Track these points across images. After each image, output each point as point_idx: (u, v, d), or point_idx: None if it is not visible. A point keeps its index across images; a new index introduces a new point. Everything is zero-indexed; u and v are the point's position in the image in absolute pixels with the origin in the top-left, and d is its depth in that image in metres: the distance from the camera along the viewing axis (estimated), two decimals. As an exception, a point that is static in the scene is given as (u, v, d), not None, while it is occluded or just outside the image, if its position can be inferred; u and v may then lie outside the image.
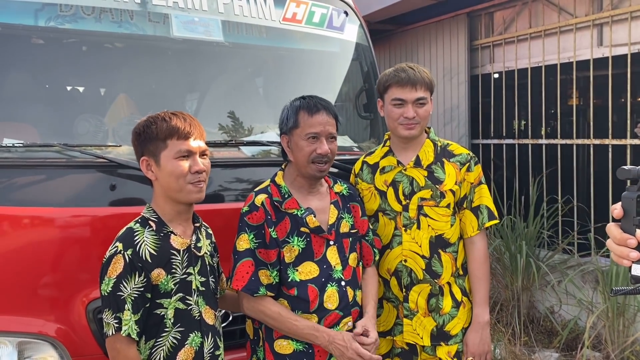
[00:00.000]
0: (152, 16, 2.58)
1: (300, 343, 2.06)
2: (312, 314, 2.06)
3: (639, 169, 1.08)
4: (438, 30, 6.39)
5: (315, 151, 2.07)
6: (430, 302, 2.36)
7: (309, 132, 2.07)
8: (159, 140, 1.87)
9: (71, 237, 2.21)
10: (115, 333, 1.77)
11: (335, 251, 2.14)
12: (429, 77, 2.35)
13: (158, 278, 1.83)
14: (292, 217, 2.09)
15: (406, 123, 2.32)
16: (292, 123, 2.09)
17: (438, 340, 2.36)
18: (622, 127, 4.69)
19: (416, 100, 2.31)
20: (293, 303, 2.06)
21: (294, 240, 2.07)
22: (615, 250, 1.11)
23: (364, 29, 3.28)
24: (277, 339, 2.07)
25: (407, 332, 2.38)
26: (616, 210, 1.11)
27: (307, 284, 2.06)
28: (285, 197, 2.11)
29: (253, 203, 2.08)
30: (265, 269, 2.05)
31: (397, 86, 2.32)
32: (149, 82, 2.75)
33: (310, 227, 2.09)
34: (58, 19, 2.41)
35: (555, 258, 4.85)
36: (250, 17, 2.81)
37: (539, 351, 4.29)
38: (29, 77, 2.49)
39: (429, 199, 2.34)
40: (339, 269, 2.13)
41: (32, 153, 2.25)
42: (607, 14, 4.69)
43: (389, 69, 2.39)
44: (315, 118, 2.07)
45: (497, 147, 5.91)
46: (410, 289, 2.37)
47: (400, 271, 2.37)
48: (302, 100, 2.13)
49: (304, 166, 2.09)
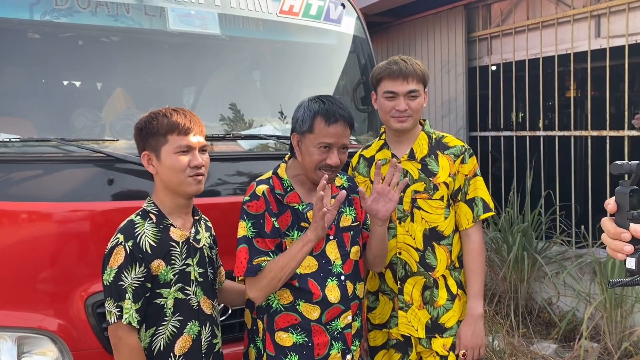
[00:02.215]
0: (148, 9, 2.57)
1: (300, 336, 2.06)
2: (315, 304, 2.06)
3: (631, 164, 1.10)
4: (436, 23, 6.38)
5: (325, 161, 2.03)
6: (424, 295, 2.37)
7: (322, 142, 2.02)
8: (159, 135, 1.92)
9: (69, 231, 2.22)
10: (117, 321, 1.83)
11: (335, 246, 2.14)
12: (421, 70, 2.33)
13: (158, 269, 1.89)
14: (293, 210, 2.08)
15: (398, 116, 2.31)
16: (307, 128, 2.04)
17: (433, 332, 2.37)
18: (620, 119, 4.70)
19: (408, 92, 2.30)
20: (296, 293, 2.06)
21: (294, 234, 2.07)
22: (609, 244, 1.13)
23: (361, 21, 3.27)
24: (278, 330, 2.07)
25: (402, 324, 2.39)
26: (610, 205, 1.12)
27: (307, 277, 2.06)
28: (287, 190, 2.10)
29: (254, 192, 2.06)
30: (265, 256, 2.01)
31: (389, 79, 2.31)
32: (145, 76, 2.75)
33: (310, 222, 2.06)
34: (54, 13, 2.40)
35: (553, 250, 4.87)
36: (247, 10, 2.80)
37: (537, 343, 4.31)
38: (25, 72, 2.48)
39: (423, 191, 2.34)
40: (338, 264, 2.13)
41: (29, 148, 2.24)
42: (605, 5, 4.68)
43: (382, 62, 2.38)
44: (332, 128, 2.01)
45: (495, 140, 5.91)
46: (405, 282, 2.37)
47: (394, 264, 2.38)
48: (321, 104, 2.04)
49: (310, 171, 2.07)
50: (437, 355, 2.37)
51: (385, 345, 2.48)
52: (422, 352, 2.41)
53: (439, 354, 2.37)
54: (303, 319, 2.06)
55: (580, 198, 5.07)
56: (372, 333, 2.49)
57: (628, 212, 1.10)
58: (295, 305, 2.06)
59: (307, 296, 2.06)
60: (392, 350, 2.46)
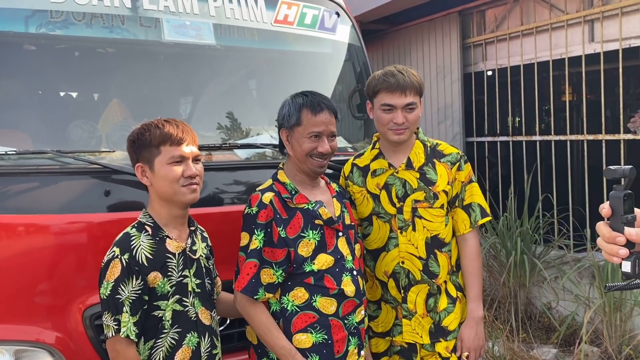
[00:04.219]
0: (143, 21, 2.57)
1: (320, 334, 2.07)
2: (331, 297, 2.09)
3: (624, 169, 1.11)
4: (430, 29, 6.40)
5: (317, 149, 2.10)
6: (428, 302, 2.38)
7: (312, 131, 2.09)
8: (152, 146, 1.92)
9: (65, 244, 2.21)
10: (114, 335, 1.83)
11: (345, 242, 2.18)
12: (418, 81, 2.33)
13: (155, 281, 1.88)
14: (303, 211, 2.11)
15: (395, 129, 2.31)
16: (295, 121, 2.11)
17: (437, 337, 2.38)
18: (616, 122, 4.71)
19: (406, 105, 2.29)
20: (311, 290, 2.08)
21: (309, 234, 2.09)
22: (605, 248, 1.14)
23: (355, 30, 3.28)
24: (296, 333, 2.07)
25: (407, 332, 2.39)
26: (605, 209, 1.13)
27: (324, 273, 2.09)
28: (293, 193, 2.13)
29: (261, 201, 2.07)
30: (269, 268, 2.05)
31: (386, 92, 2.30)
32: (141, 87, 2.75)
33: (323, 218, 2.11)
34: (49, 25, 2.40)
35: (551, 254, 4.87)
36: (242, 20, 2.81)
37: (538, 347, 4.31)
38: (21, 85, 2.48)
39: (423, 200, 2.35)
40: (350, 259, 2.17)
41: (25, 160, 2.24)
42: (598, 10, 4.71)
43: (378, 72, 2.37)
44: (319, 117, 2.10)
45: (492, 145, 5.93)
46: (409, 290, 2.38)
47: (398, 273, 2.38)
48: (304, 98, 2.14)
49: (303, 161, 2.12)
50: (439, 357, 2.39)
51: (387, 351, 2.48)
52: (425, 356, 2.42)
53: (442, 356, 2.39)
54: (321, 315, 2.08)
55: (578, 202, 5.07)
56: (374, 340, 2.48)
57: (622, 215, 1.11)
58: (311, 302, 2.08)
59: (323, 291, 2.09)
60: (396, 357, 2.47)
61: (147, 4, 2.56)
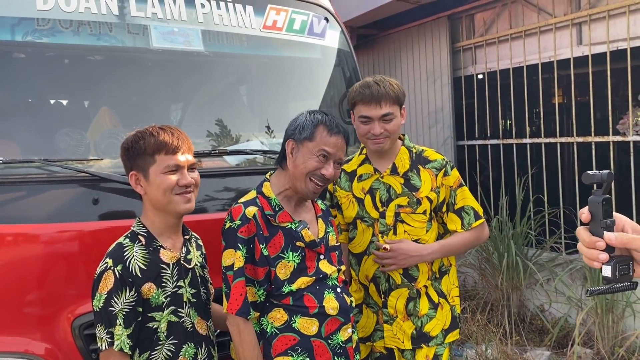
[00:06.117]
0: (131, 28, 2.56)
1: (301, 356, 1.99)
2: (312, 317, 2.00)
3: (602, 173, 1.11)
4: (420, 34, 6.42)
5: (320, 170, 2.02)
6: (408, 307, 2.37)
7: (322, 150, 2.01)
8: (147, 155, 1.88)
9: (54, 253, 2.18)
10: (108, 347, 1.79)
11: (327, 263, 2.11)
12: (394, 91, 2.29)
13: (149, 292, 1.85)
14: (285, 230, 2.02)
15: (374, 139, 2.32)
16: (308, 134, 2.02)
17: (419, 342, 2.37)
18: (605, 124, 4.74)
19: (382, 116, 2.28)
20: (290, 310, 2.00)
21: (289, 256, 2.01)
22: (585, 253, 1.14)
23: (344, 35, 3.28)
24: (276, 356, 1.99)
25: (388, 337, 2.38)
26: (584, 215, 1.13)
27: (303, 292, 2.01)
28: (277, 210, 2.04)
29: (244, 216, 1.98)
30: (252, 286, 1.98)
31: (362, 104, 2.30)
32: (130, 94, 2.73)
33: (305, 240, 2.03)
34: (35, 34, 2.38)
35: (544, 256, 4.88)
36: (230, 26, 2.80)
37: (531, 350, 4.31)
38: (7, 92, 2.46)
39: (406, 205, 2.35)
40: (334, 277, 2.11)
41: (12, 169, 2.21)
42: (586, 13, 4.74)
43: (357, 84, 2.36)
44: (334, 139, 2.03)
45: (482, 148, 5.95)
46: (389, 295, 2.38)
47: (378, 277, 2.39)
48: (324, 116, 2.06)
49: (301, 180, 2.02)
50: None
51: (367, 358, 2.49)
52: None
53: None
54: (302, 337, 1.99)
55: (568, 204, 5.09)
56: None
57: (602, 220, 1.11)
58: (291, 323, 1.99)
59: (303, 310, 2.00)
60: None
61: (134, 11, 2.55)
